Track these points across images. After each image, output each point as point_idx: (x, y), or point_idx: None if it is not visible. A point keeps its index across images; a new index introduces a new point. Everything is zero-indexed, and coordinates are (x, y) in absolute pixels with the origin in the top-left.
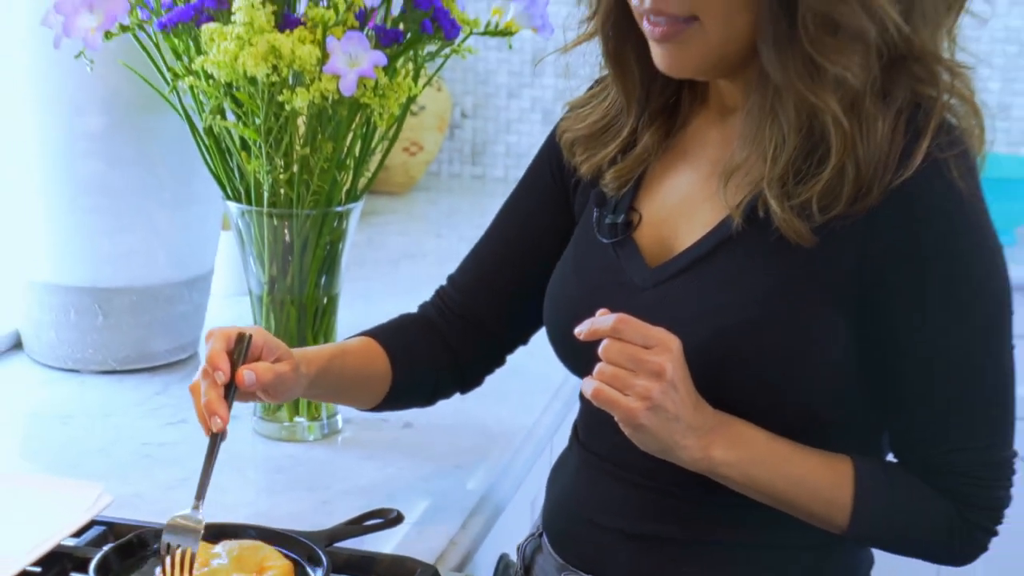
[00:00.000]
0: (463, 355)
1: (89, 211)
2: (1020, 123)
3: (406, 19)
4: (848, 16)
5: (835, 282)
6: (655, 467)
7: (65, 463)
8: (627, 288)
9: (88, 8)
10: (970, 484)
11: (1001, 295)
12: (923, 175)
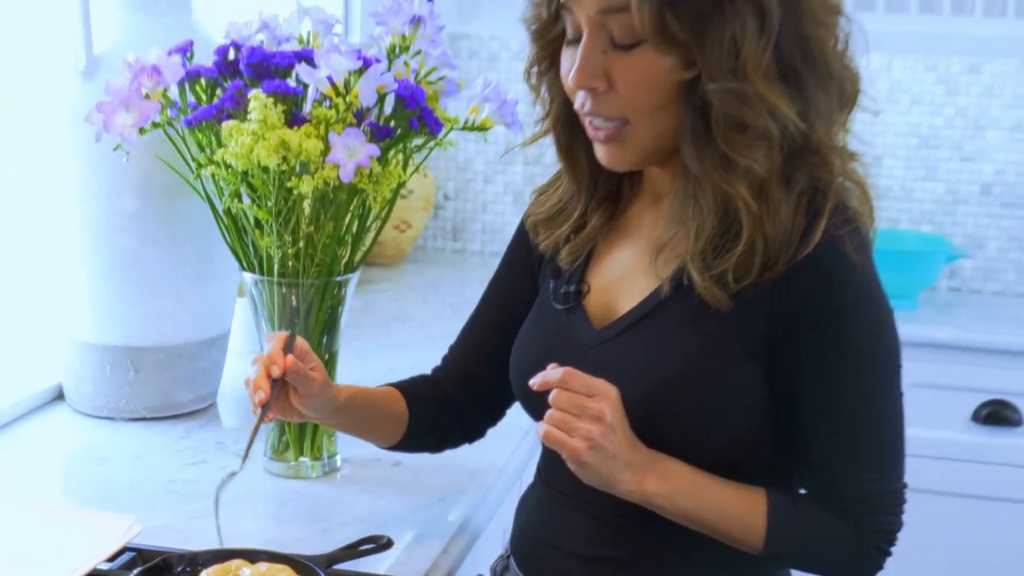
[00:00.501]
0: (466, 413)
1: (124, 280)
2: (921, 204)
3: (397, 117)
4: (755, 118)
5: (749, 341)
6: (606, 499)
7: (101, 498)
8: (576, 347)
9: (125, 108)
10: (868, 511)
11: (891, 351)
12: (822, 250)
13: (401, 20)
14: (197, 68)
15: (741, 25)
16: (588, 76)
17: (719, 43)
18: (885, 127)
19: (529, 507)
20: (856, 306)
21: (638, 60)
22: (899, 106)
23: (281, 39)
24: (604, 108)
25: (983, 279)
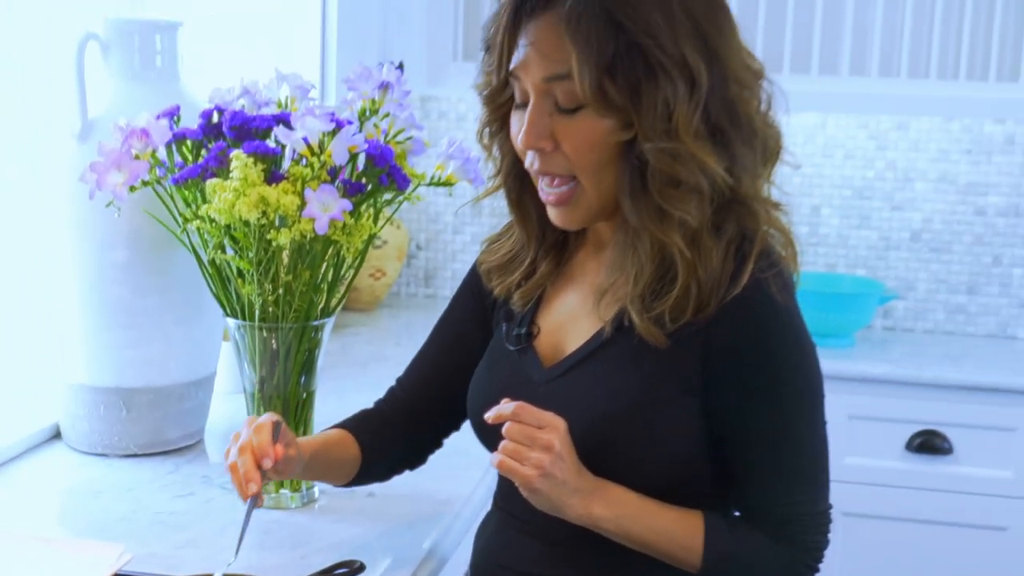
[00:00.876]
0: (411, 441)
1: (116, 327)
2: (856, 250)
3: (367, 174)
4: (687, 174)
5: (686, 377)
6: (556, 524)
7: (95, 529)
8: (528, 384)
9: (116, 168)
10: (799, 531)
11: (814, 385)
12: (749, 291)
13: (371, 86)
14: (183, 131)
15: (672, 90)
16: (535, 138)
17: (653, 107)
18: (822, 179)
19: (487, 532)
20: (781, 344)
21: (581, 123)
22: (834, 160)
23: (261, 103)
24: (552, 167)
25: (914, 318)
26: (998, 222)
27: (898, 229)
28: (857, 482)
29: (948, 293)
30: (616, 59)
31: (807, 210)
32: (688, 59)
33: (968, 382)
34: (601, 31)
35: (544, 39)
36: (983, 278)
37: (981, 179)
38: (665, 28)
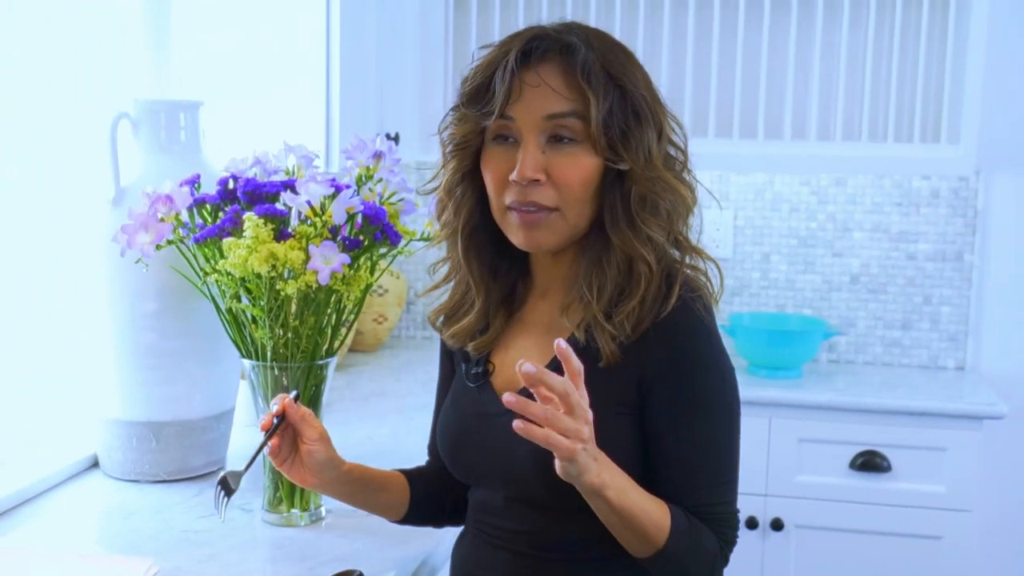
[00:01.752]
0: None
1: (146, 368)
2: (802, 292)
3: (364, 232)
4: (663, 199)
5: (625, 394)
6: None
7: (128, 546)
8: (486, 416)
9: (144, 229)
10: (722, 527)
11: (731, 401)
12: (678, 311)
13: (365, 155)
14: (203, 196)
15: (651, 134)
16: (532, 170)
17: (639, 146)
18: (771, 230)
19: (463, 547)
20: (705, 363)
21: (573, 159)
22: (781, 213)
23: (271, 171)
24: (540, 198)
25: (855, 352)
26: (927, 266)
27: (839, 273)
28: (807, 498)
29: (884, 329)
30: (613, 107)
31: (759, 257)
32: (657, 110)
33: (904, 408)
34: (606, 83)
35: (554, 81)
36: (915, 315)
37: (911, 228)
38: (643, 85)
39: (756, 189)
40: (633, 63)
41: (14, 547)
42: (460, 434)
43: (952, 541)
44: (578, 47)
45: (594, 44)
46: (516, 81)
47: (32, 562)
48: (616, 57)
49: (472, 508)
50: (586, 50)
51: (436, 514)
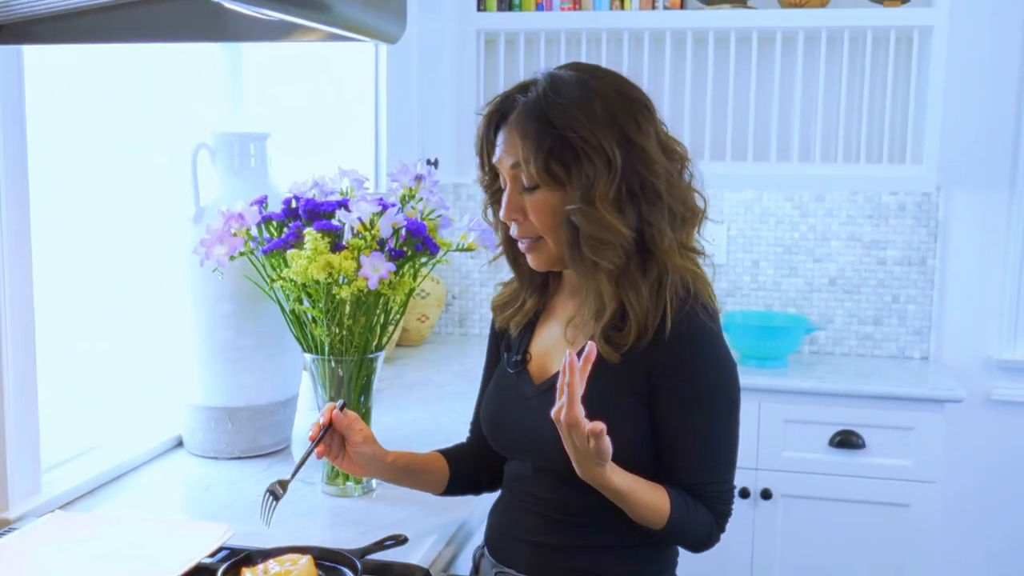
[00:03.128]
0: (492, 468)
1: (223, 361)
2: (787, 293)
3: (407, 243)
4: (600, 232)
5: (635, 389)
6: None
7: (207, 513)
8: (522, 397)
9: (220, 243)
10: (718, 503)
11: (732, 395)
12: (683, 320)
13: (408, 178)
14: (270, 214)
15: (593, 169)
16: (511, 212)
17: (580, 181)
18: (760, 240)
19: (497, 511)
20: (709, 362)
21: (539, 198)
22: (768, 225)
23: (327, 192)
24: (524, 231)
25: (833, 345)
26: (895, 270)
27: (819, 276)
28: (792, 471)
29: (859, 325)
30: (553, 148)
31: (749, 263)
32: (603, 146)
33: (876, 392)
34: (541, 129)
35: (507, 140)
36: (885, 313)
37: (881, 237)
38: (587, 124)
39: (746, 204)
40: (587, 95)
41: (112, 514)
42: (500, 414)
43: (918, 508)
44: (520, 102)
45: (542, 95)
46: (490, 144)
47: (127, 527)
48: (563, 101)
49: (507, 478)
50: (524, 106)
51: (473, 486)
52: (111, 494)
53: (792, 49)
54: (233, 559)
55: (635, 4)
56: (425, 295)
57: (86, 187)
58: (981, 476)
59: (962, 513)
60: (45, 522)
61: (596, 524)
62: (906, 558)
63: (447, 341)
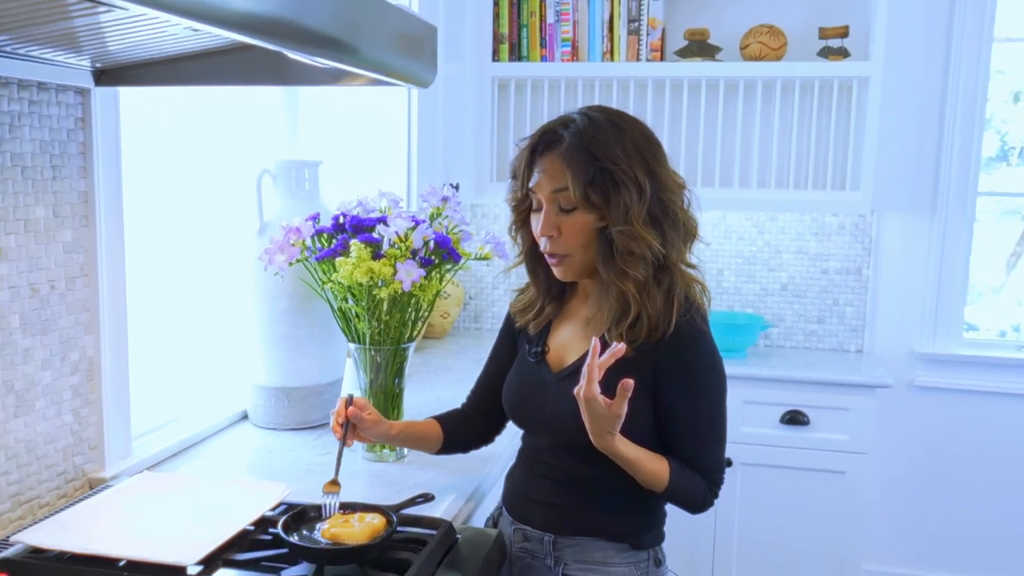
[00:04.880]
0: (481, 429)
1: (281, 349)
2: (746, 296)
3: (435, 253)
4: (637, 247)
5: (643, 379)
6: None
7: (268, 474)
8: (542, 384)
9: (280, 251)
10: (711, 474)
11: (722, 386)
12: (684, 324)
13: (436, 199)
14: (322, 227)
15: (629, 196)
16: (548, 229)
17: (618, 207)
18: (724, 252)
19: (514, 476)
20: (704, 358)
21: (574, 219)
22: (731, 240)
23: (369, 210)
24: (556, 248)
25: (784, 339)
26: (836, 278)
27: (772, 283)
28: (749, 443)
29: (805, 323)
30: (594, 178)
31: (714, 272)
32: (637, 177)
33: (819, 379)
34: (585, 161)
35: (550, 167)
36: (827, 313)
37: (824, 251)
38: (623, 158)
39: (713, 222)
40: (620, 135)
41: (191, 474)
42: (522, 396)
43: (852, 475)
44: (565, 138)
45: (583, 130)
46: (529, 167)
47: (203, 484)
48: (602, 135)
49: (524, 449)
50: (571, 138)
51: (462, 447)
52: (189, 458)
53: (752, 95)
54: (290, 512)
55: (623, 57)
56: (447, 296)
57: (174, 205)
58: (905, 448)
59: (888, 478)
60: (135, 480)
61: (601, 489)
62: (842, 515)
63: (464, 335)
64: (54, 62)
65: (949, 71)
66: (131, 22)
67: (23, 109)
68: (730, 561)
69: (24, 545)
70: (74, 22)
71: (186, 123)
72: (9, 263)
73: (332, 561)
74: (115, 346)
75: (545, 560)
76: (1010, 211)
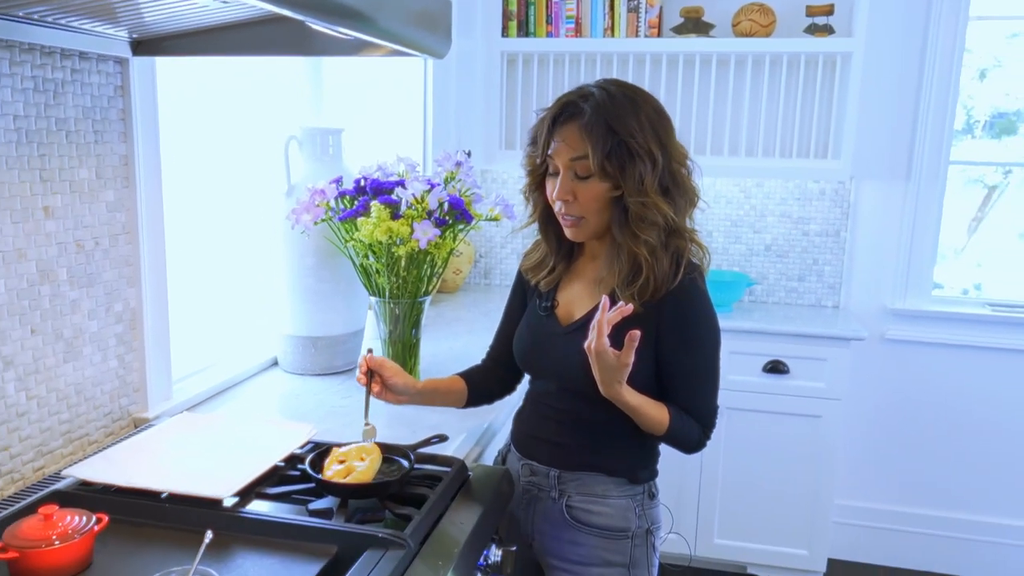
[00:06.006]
0: (503, 380)
1: (307, 302)
2: (733, 256)
3: (449, 214)
4: (651, 215)
5: (648, 333)
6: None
7: (296, 416)
8: (552, 336)
9: (306, 211)
10: (704, 418)
11: (716, 339)
12: (685, 283)
13: (450, 164)
14: (344, 190)
15: (643, 167)
16: (564, 193)
17: (633, 177)
18: (713, 215)
19: (522, 416)
20: (702, 316)
21: (590, 186)
22: (720, 204)
23: (388, 174)
24: (571, 211)
25: (767, 296)
26: (816, 240)
27: (757, 244)
28: (734, 390)
29: (787, 281)
30: (611, 150)
31: (705, 233)
32: (651, 149)
33: (798, 332)
34: (604, 133)
35: (570, 136)
36: (807, 272)
37: (806, 215)
38: (639, 131)
39: (704, 188)
40: (636, 110)
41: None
42: (532, 346)
43: (828, 419)
44: (586, 111)
45: (603, 103)
46: (550, 135)
47: (238, 424)
48: (620, 110)
49: (531, 392)
50: (591, 112)
51: (487, 398)
52: (224, 400)
53: (743, 70)
54: (317, 451)
55: (623, 33)
56: (459, 254)
57: (208, 168)
58: (876, 395)
59: (860, 422)
60: (176, 420)
61: (602, 431)
62: (817, 455)
63: (475, 289)
64: (94, 32)
65: (926, 48)
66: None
67: (66, 77)
68: (715, 495)
69: (74, 479)
70: None
71: (218, 93)
72: (56, 221)
73: (355, 495)
74: (156, 297)
75: (550, 493)
76: (973, 180)
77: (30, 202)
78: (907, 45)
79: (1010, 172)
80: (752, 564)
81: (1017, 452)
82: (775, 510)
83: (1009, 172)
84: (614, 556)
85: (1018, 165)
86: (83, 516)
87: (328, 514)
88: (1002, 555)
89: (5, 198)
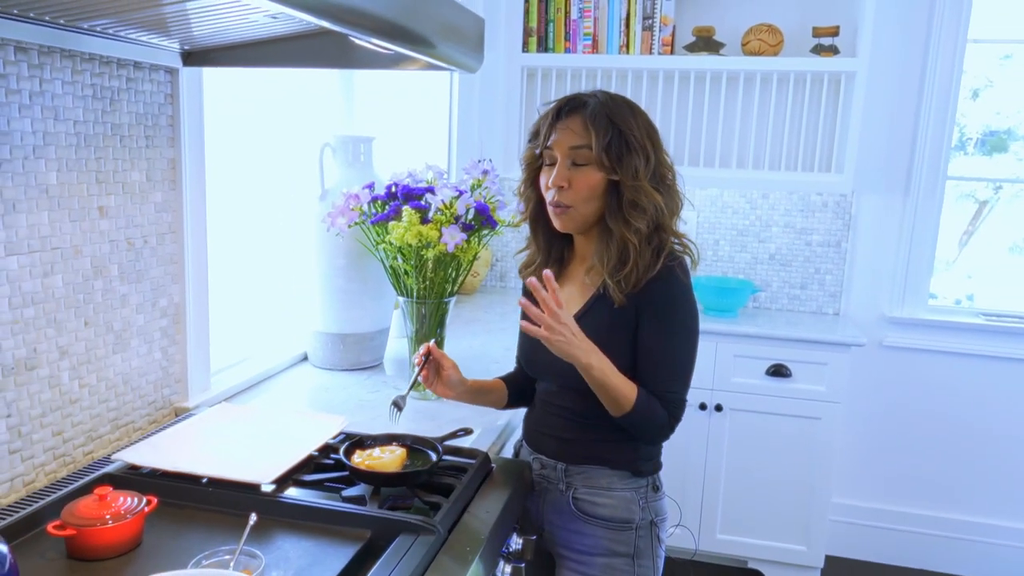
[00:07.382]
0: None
1: (338, 301)
2: (739, 264)
3: (475, 219)
4: (644, 202)
5: (629, 323)
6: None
7: (328, 408)
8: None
9: (340, 215)
10: (672, 407)
11: (693, 328)
12: (664, 272)
13: (477, 172)
14: (376, 195)
15: (639, 160)
16: (560, 179)
17: (629, 168)
18: (720, 225)
19: (531, 417)
20: (679, 300)
21: (586, 174)
22: (727, 215)
23: (418, 180)
24: (564, 199)
25: (770, 302)
26: (818, 250)
27: (762, 253)
28: (738, 392)
29: (790, 288)
30: (611, 141)
31: (712, 242)
32: (646, 147)
33: (800, 337)
34: (606, 124)
35: (574, 125)
36: (809, 280)
37: (809, 226)
38: (637, 128)
39: (711, 199)
40: (633, 114)
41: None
42: (531, 349)
43: (827, 421)
44: (591, 103)
45: (605, 101)
46: (552, 126)
47: (272, 415)
48: (620, 109)
49: (538, 393)
50: (595, 105)
51: (526, 400)
52: (259, 392)
53: (751, 87)
54: (349, 441)
55: (637, 50)
56: (478, 258)
57: (248, 172)
58: (873, 399)
59: (858, 424)
60: (214, 410)
61: (603, 425)
62: (816, 455)
63: (492, 292)
64: (148, 44)
65: (926, 69)
66: (214, 10)
67: (122, 85)
68: (717, 492)
69: (123, 462)
70: (163, 9)
71: (258, 101)
72: (110, 220)
73: (387, 483)
74: (197, 294)
75: (558, 485)
76: (964, 195)
77: (87, 202)
78: (908, 66)
79: (1001, 188)
80: (753, 559)
81: (1007, 454)
82: (775, 507)
83: (1000, 188)
84: (619, 546)
85: (1010, 181)
86: (135, 497)
87: (361, 501)
88: (993, 553)
89: (65, 198)
